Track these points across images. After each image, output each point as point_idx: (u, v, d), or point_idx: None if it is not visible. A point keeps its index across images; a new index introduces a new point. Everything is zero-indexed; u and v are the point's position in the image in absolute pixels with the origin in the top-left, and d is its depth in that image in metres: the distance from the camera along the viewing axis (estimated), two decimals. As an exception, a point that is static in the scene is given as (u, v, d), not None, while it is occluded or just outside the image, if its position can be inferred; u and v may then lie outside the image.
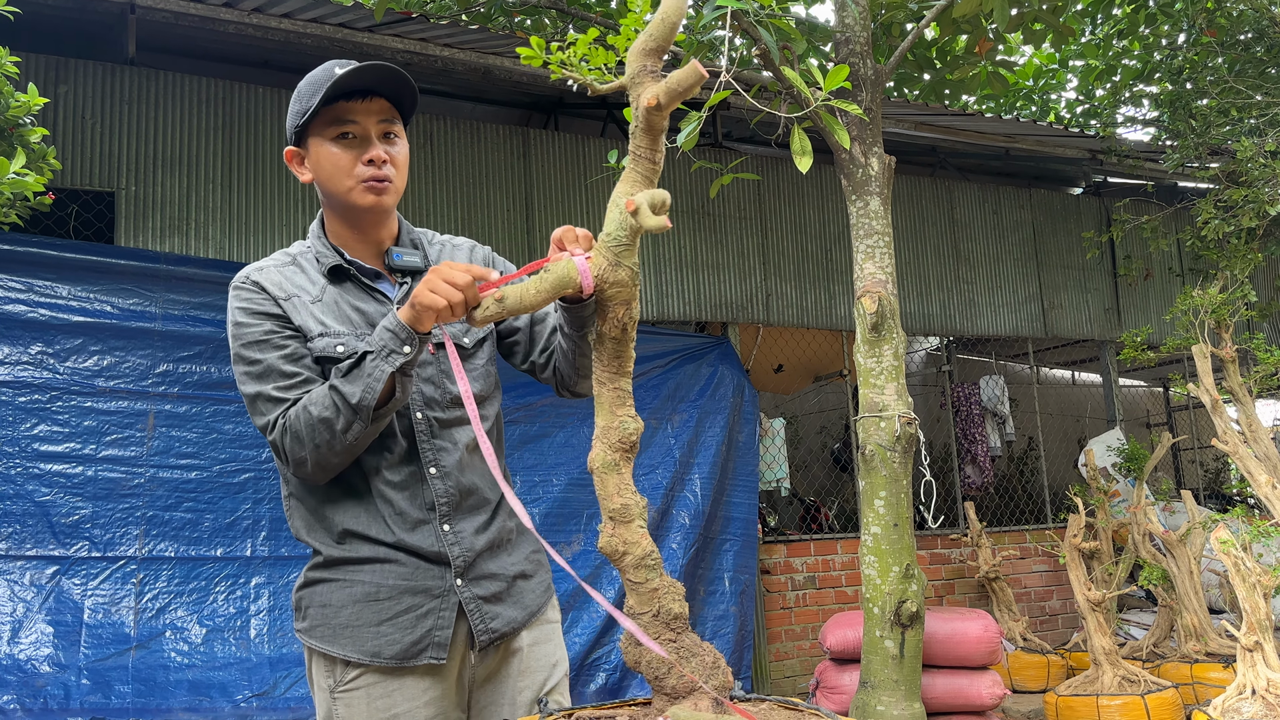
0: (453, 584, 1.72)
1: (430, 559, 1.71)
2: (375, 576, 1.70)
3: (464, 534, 1.75)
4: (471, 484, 1.78)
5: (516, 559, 1.83)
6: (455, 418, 1.77)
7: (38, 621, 4.15)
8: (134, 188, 4.96)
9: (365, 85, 1.69)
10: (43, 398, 4.42)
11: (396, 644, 1.68)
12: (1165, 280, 8.46)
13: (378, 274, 1.81)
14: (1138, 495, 6.52)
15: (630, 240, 1.50)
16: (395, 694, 1.69)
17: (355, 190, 1.72)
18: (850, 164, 4.67)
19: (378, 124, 1.73)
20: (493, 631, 1.76)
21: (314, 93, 1.68)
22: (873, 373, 4.46)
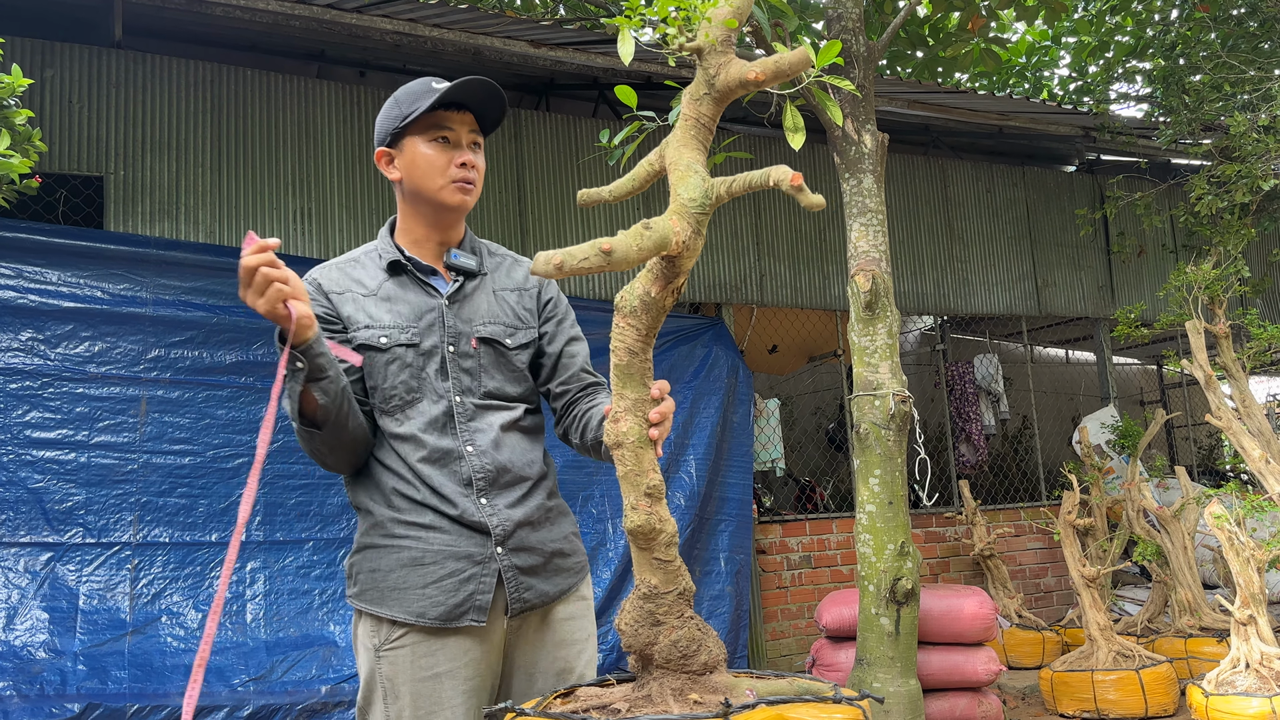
0: (493, 552, 1.84)
1: (472, 527, 1.84)
2: (421, 543, 1.83)
3: (499, 507, 1.87)
4: (507, 461, 1.90)
5: (555, 536, 1.94)
6: (489, 404, 1.92)
7: (33, 608, 4.15)
8: (123, 172, 4.92)
9: (462, 99, 1.88)
10: (34, 384, 4.40)
11: (440, 606, 1.79)
12: (1159, 257, 8.46)
13: (433, 270, 1.96)
14: (1132, 472, 6.53)
15: (710, 210, 1.48)
16: (438, 653, 1.80)
17: (446, 189, 1.90)
18: (843, 141, 4.65)
19: (469, 134, 1.92)
20: (525, 601, 1.87)
21: (414, 100, 1.87)
22: (867, 351, 4.45)
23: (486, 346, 1.93)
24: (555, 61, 5.59)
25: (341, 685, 4.40)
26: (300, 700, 4.28)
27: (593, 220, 6.13)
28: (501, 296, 2.00)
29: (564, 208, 6.07)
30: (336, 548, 4.78)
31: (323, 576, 4.72)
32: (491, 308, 1.97)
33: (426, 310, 1.92)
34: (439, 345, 1.90)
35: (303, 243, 5.28)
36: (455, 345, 1.91)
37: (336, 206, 5.39)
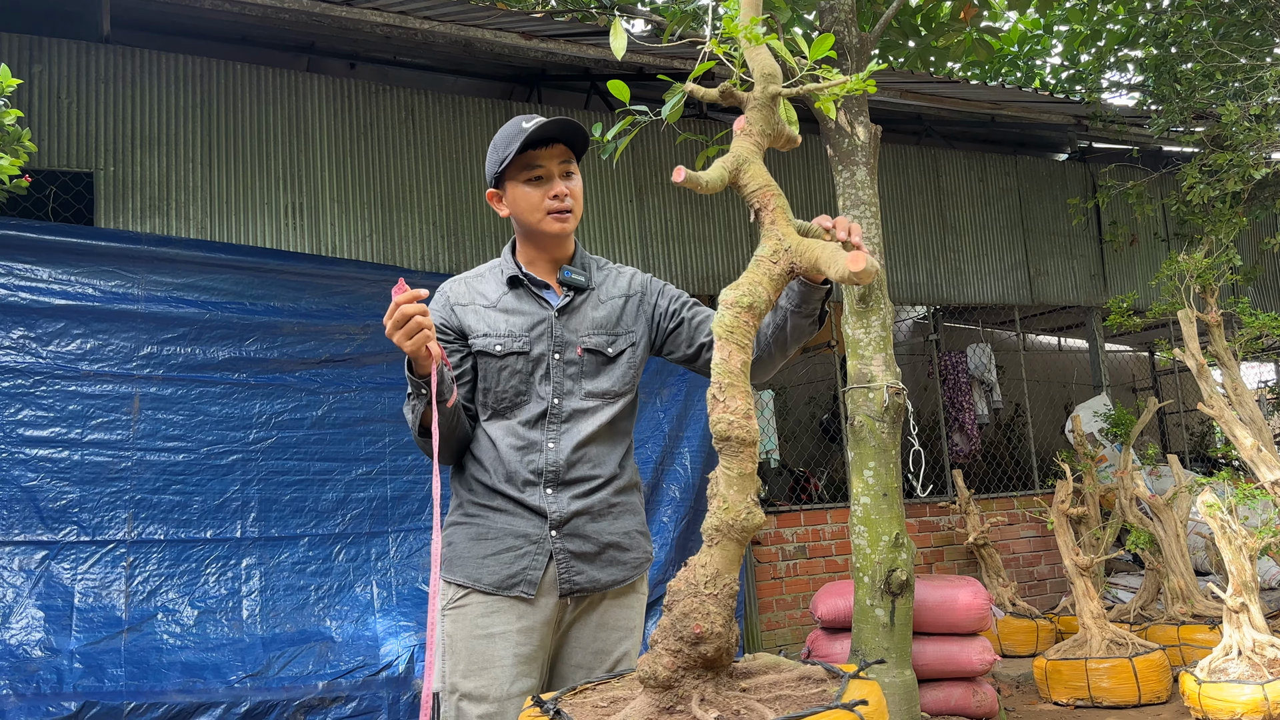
0: (548, 534, 2.06)
1: (533, 510, 2.07)
2: (487, 521, 2.09)
3: (562, 498, 2.08)
4: (580, 459, 2.11)
5: (614, 530, 2.13)
6: (585, 408, 2.14)
7: (28, 607, 4.14)
8: (113, 168, 4.90)
9: (548, 135, 2.08)
10: (26, 382, 4.38)
11: (495, 574, 2.05)
12: (1151, 246, 8.47)
13: (546, 285, 2.20)
14: (1124, 460, 6.56)
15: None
16: (494, 615, 2.04)
17: (545, 220, 2.13)
18: (836, 134, 4.64)
19: (559, 165, 2.12)
20: (575, 584, 2.07)
21: (507, 145, 2.09)
22: (860, 344, 4.45)
23: (591, 355, 2.17)
24: (546, 53, 5.57)
25: (338, 681, 4.40)
26: (297, 696, 4.28)
27: (585, 210, 6.11)
28: (609, 305, 2.22)
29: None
30: (331, 544, 4.78)
31: (318, 572, 4.71)
32: (596, 319, 2.19)
33: (539, 321, 2.16)
34: (546, 353, 2.14)
35: (294, 237, 5.26)
36: (561, 353, 2.14)
37: (328, 200, 5.36)
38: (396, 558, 4.90)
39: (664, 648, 1.45)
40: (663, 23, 5.74)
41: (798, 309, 1.97)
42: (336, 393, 4.94)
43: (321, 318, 4.97)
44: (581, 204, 2.19)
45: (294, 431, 4.81)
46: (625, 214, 6.24)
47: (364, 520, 4.88)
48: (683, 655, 1.45)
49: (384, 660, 4.56)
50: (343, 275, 5.11)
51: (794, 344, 2.07)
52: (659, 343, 2.26)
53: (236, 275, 4.84)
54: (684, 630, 1.44)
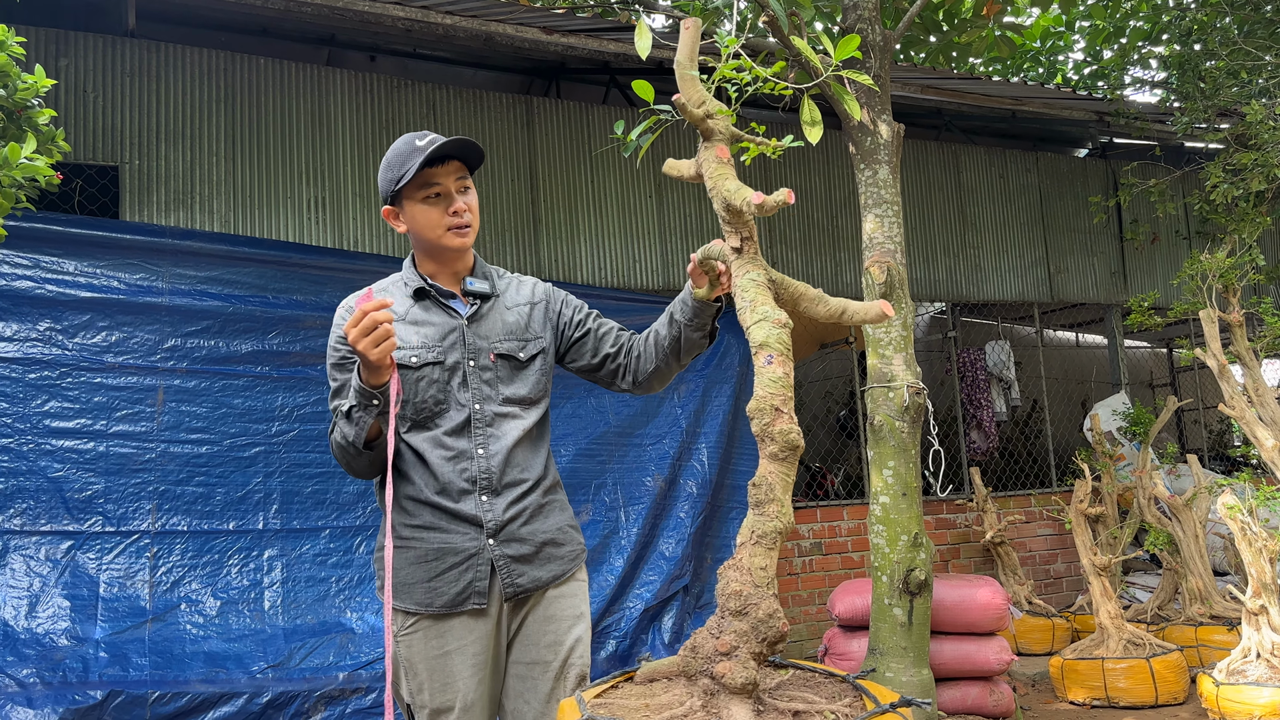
0: (485, 544, 2.10)
1: (468, 521, 2.10)
2: (424, 543, 2.10)
3: (498, 505, 2.12)
4: (510, 464, 2.15)
5: (547, 528, 2.18)
6: (505, 413, 2.18)
7: (54, 596, 4.19)
8: (137, 161, 4.94)
9: (445, 154, 2.13)
10: (52, 374, 4.43)
11: (444, 595, 2.08)
12: (1172, 244, 8.42)
13: (452, 295, 2.25)
14: (1143, 459, 6.54)
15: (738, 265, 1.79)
16: (446, 635, 2.08)
17: (445, 236, 2.17)
18: (858, 132, 4.64)
19: (455, 181, 2.16)
20: (518, 586, 2.13)
21: (402, 163, 2.13)
22: (881, 343, 4.45)
23: (503, 360, 2.21)
24: (567, 48, 5.57)
25: (358, 672, 4.44)
26: (318, 687, 4.32)
27: (604, 207, 6.13)
28: (516, 312, 2.27)
29: (576, 194, 6.07)
30: (352, 535, 4.82)
31: (339, 564, 4.75)
32: (505, 325, 2.24)
33: (449, 330, 2.19)
34: (461, 361, 2.17)
35: (316, 231, 5.29)
36: (475, 360, 2.18)
37: (349, 195, 5.39)
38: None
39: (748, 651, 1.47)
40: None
41: (690, 323, 2.12)
42: (358, 386, 4.97)
43: (343, 312, 4.99)
44: (478, 217, 2.25)
45: (316, 424, 4.85)
46: (645, 211, 6.25)
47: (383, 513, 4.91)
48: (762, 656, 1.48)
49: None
50: (364, 269, 5.13)
51: (687, 356, 2.20)
52: (563, 350, 2.35)
53: (259, 269, 4.87)
54: (768, 632, 1.47)
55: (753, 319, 1.64)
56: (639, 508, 5.46)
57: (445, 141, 2.11)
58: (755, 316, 1.64)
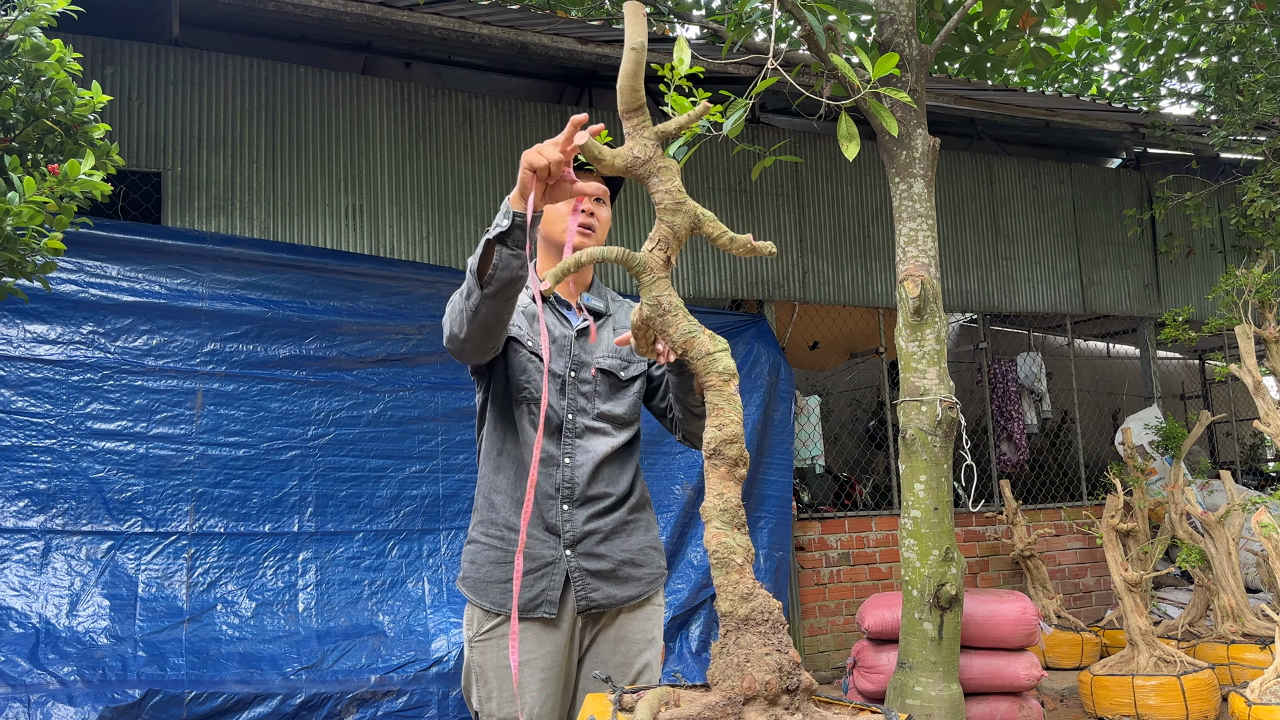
0: (563, 554, 2.11)
1: (547, 529, 2.12)
2: (504, 542, 2.13)
3: (579, 516, 2.14)
4: (594, 478, 2.16)
5: (629, 547, 2.19)
6: (597, 429, 2.20)
7: (94, 595, 4.27)
8: (180, 168, 5.02)
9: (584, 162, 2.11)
10: (95, 376, 4.52)
11: (521, 598, 2.08)
12: (1207, 257, 8.35)
13: (568, 305, 2.29)
14: (1175, 475, 6.49)
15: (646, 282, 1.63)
16: (519, 647, 2.07)
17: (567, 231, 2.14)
18: (894, 146, 4.64)
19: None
20: (592, 600, 2.13)
21: None
22: (914, 357, 4.46)
23: (604, 376, 2.23)
24: (601, 56, 5.61)
25: (390, 675, 4.50)
26: (351, 689, 4.38)
27: (638, 217, 6.15)
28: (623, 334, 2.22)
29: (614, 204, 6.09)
30: (385, 539, 4.88)
31: (372, 568, 4.81)
32: (611, 344, 2.26)
33: (561, 337, 2.22)
34: (564, 371, 2.20)
35: (355, 239, 5.35)
36: (577, 372, 2.21)
37: (387, 203, 5.45)
38: (447, 555, 4.98)
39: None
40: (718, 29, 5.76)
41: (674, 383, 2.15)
42: (392, 391, 5.03)
43: (379, 317, 5.06)
44: (605, 232, 2.26)
45: (350, 429, 4.91)
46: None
47: (416, 517, 4.97)
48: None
49: (434, 655, 4.65)
50: (400, 276, 5.20)
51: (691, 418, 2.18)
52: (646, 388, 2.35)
53: (298, 275, 4.94)
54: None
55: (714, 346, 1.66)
56: (668, 515, 5.49)
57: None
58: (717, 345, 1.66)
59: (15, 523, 4.27)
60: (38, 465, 4.35)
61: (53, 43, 2.40)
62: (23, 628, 4.08)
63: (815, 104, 5.70)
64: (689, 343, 1.63)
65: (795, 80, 3.38)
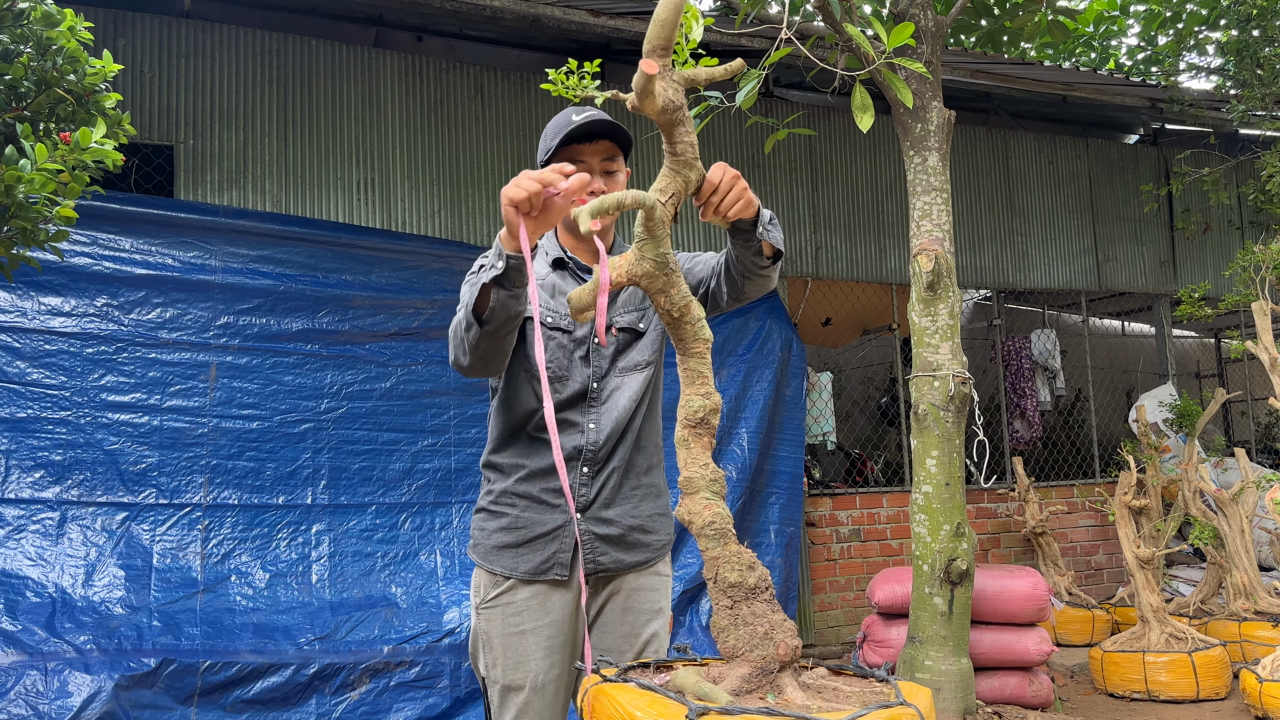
0: (574, 518, 2.09)
1: (559, 493, 2.12)
2: (515, 511, 2.14)
3: (593, 481, 2.14)
4: (617, 443, 2.16)
5: (638, 514, 2.18)
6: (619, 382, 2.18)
7: (110, 565, 4.31)
8: (192, 141, 5.02)
9: (592, 132, 2.11)
10: (109, 349, 4.54)
11: (530, 562, 2.11)
12: (1224, 234, 8.28)
13: (589, 270, 2.24)
14: (1189, 452, 6.46)
15: (646, 234, 1.57)
16: (524, 614, 2.11)
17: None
18: (908, 118, 4.60)
19: (601, 161, 2.14)
20: (600, 564, 2.13)
21: (554, 135, 2.12)
22: (927, 332, 4.44)
23: (625, 333, 2.21)
24: (613, 29, 5.57)
25: (402, 646, 4.53)
26: (363, 660, 4.42)
27: (650, 191, 6.11)
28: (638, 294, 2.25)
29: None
30: (398, 512, 4.90)
31: (384, 540, 4.84)
32: (632, 297, 2.23)
33: None
34: (588, 336, 2.17)
35: (366, 213, 5.35)
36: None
37: (399, 177, 5.44)
38: (459, 528, 5.00)
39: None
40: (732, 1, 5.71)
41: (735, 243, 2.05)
42: (404, 365, 5.04)
43: (391, 291, 5.07)
44: None
45: (363, 402, 4.93)
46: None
47: (429, 490, 4.99)
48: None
49: (446, 627, 4.68)
50: (412, 250, 5.20)
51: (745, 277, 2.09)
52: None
53: (310, 248, 4.94)
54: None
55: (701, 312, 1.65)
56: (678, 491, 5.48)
57: (590, 120, 2.10)
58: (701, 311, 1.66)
59: (32, 493, 4.31)
60: (53, 437, 4.38)
61: (64, 11, 2.39)
62: (40, 597, 4.13)
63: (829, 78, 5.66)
64: (687, 306, 1.61)
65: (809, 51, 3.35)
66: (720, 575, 1.61)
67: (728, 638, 1.58)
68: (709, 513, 1.63)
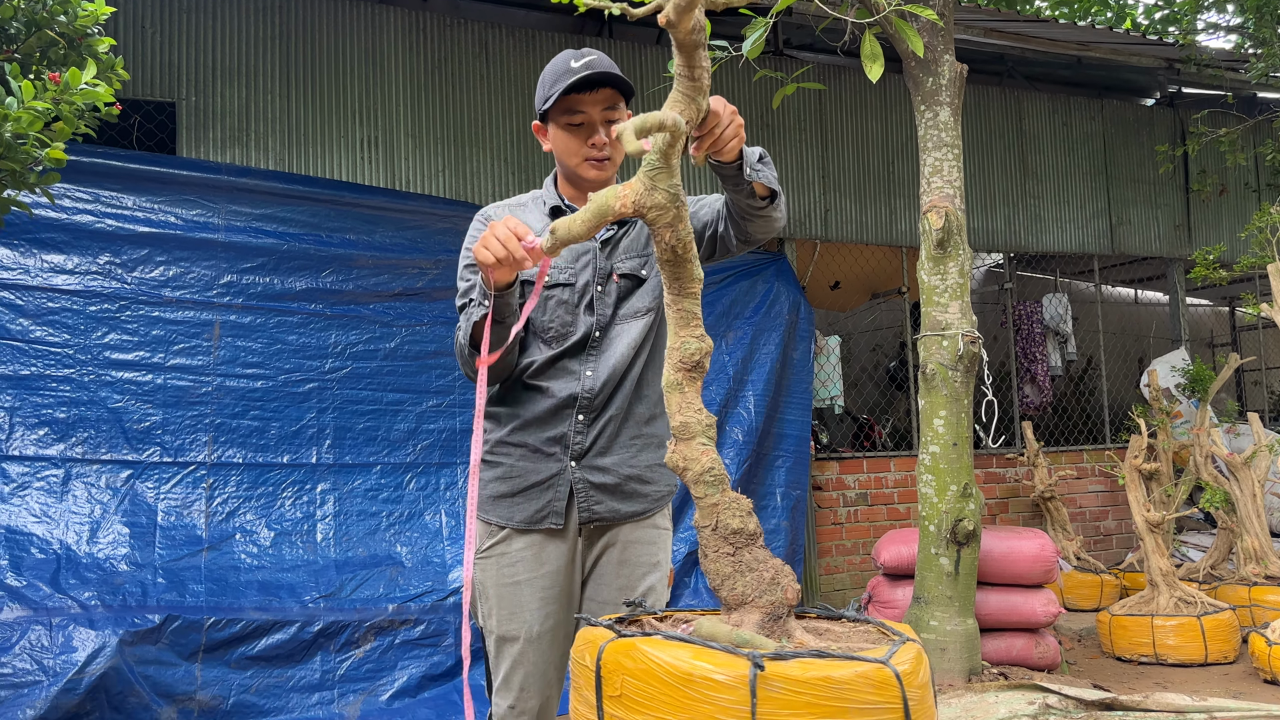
0: (568, 465, 2.09)
1: (556, 441, 2.10)
2: (510, 460, 2.12)
3: (589, 429, 2.10)
4: (614, 390, 2.12)
5: (636, 463, 2.14)
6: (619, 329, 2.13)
7: (114, 523, 4.31)
8: (194, 98, 4.97)
9: (593, 81, 2.04)
10: (112, 307, 4.52)
11: (525, 511, 2.09)
12: (1240, 196, 8.15)
13: None
14: (1201, 417, 6.40)
15: (663, 163, 1.49)
16: (518, 564, 2.10)
17: (581, 166, 2.11)
18: (920, 71, 4.52)
19: (602, 111, 2.08)
20: (595, 514, 2.10)
21: (552, 83, 2.07)
22: (937, 290, 4.38)
23: (625, 279, 2.16)
24: (622, -13, 5.48)
25: (407, 604, 4.53)
26: (368, 617, 4.42)
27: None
28: (641, 226, 2.21)
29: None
30: (403, 472, 4.89)
31: (390, 499, 4.83)
32: (630, 244, 2.18)
33: (583, 252, 2.15)
34: (590, 283, 2.14)
35: (370, 171, 5.30)
36: (603, 285, 2.15)
37: (402, 135, 5.39)
38: (464, 488, 4.99)
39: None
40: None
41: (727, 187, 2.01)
42: (409, 325, 5.01)
43: (395, 251, 5.03)
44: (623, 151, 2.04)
45: (368, 362, 4.91)
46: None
47: (434, 451, 4.97)
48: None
49: (451, 586, 4.68)
50: (416, 210, 5.15)
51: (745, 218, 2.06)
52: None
53: (313, 207, 4.90)
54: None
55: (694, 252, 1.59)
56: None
57: (592, 71, 2.04)
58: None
59: (36, 451, 4.31)
60: (57, 394, 4.37)
61: (53, -50, 2.34)
62: (44, 553, 4.13)
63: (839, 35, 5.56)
64: (688, 244, 1.56)
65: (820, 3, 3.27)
66: (721, 521, 1.58)
67: (735, 584, 1.56)
68: (707, 459, 1.60)
